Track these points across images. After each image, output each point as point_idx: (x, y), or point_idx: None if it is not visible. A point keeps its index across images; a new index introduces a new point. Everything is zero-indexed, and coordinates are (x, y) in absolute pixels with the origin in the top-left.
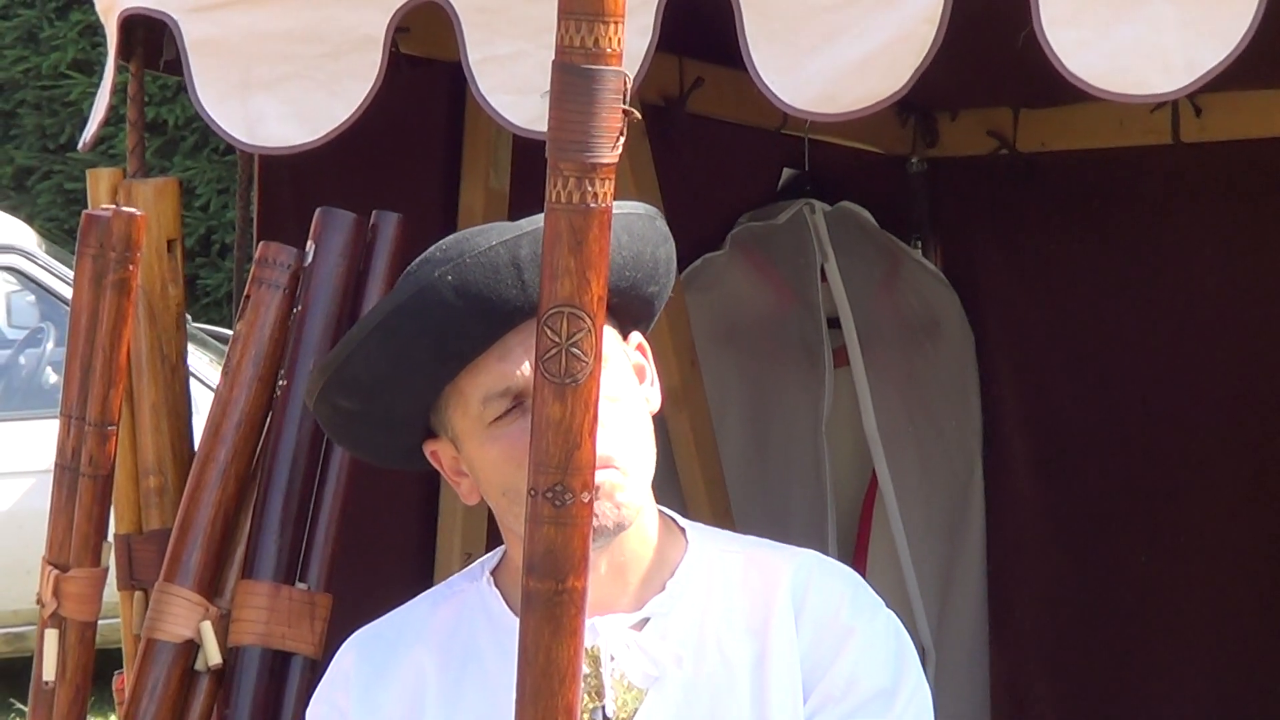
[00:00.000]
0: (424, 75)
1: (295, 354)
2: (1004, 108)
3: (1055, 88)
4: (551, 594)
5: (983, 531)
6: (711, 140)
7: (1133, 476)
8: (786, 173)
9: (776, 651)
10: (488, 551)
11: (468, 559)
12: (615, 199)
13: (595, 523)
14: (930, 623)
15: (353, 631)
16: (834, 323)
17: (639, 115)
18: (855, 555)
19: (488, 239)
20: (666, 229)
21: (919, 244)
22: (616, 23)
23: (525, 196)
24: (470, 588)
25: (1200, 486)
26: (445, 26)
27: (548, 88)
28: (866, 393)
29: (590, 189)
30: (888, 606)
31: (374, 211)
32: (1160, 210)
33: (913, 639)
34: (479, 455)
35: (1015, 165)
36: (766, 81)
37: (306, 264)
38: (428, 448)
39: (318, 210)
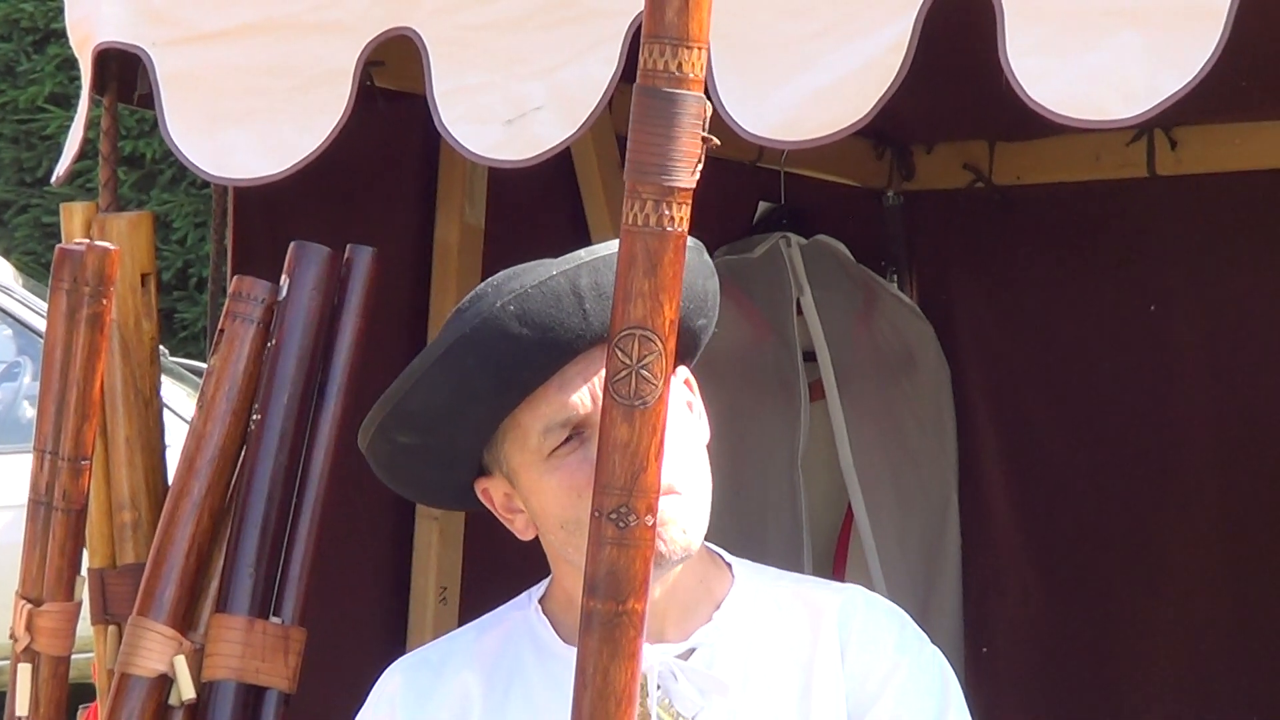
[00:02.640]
0: (399, 109)
1: (269, 388)
2: (980, 141)
3: (1030, 121)
4: (612, 615)
5: (958, 565)
6: None
7: (1111, 510)
8: (762, 206)
9: (822, 684)
10: (462, 588)
11: (443, 593)
12: (592, 232)
13: (662, 549)
14: None
15: (325, 665)
16: (810, 356)
17: (718, 142)
18: None
19: (547, 270)
20: (711, 263)
21: (895, 277)
22: (700, 48)
23: (501, 231)
24: (518, 615)
25: (1179, 519)
26: (419, 60)
27: (510, 116)
28: (842, 426)
29: (667, 213)
30: (932, 642)
31: (348, 245)
32: (1136, 243)
33: None
34: (537, 487)
35: (991, 198)
36: (727, 109)
37: (281, 298)
38: (479, 485)
39: (292, 244)
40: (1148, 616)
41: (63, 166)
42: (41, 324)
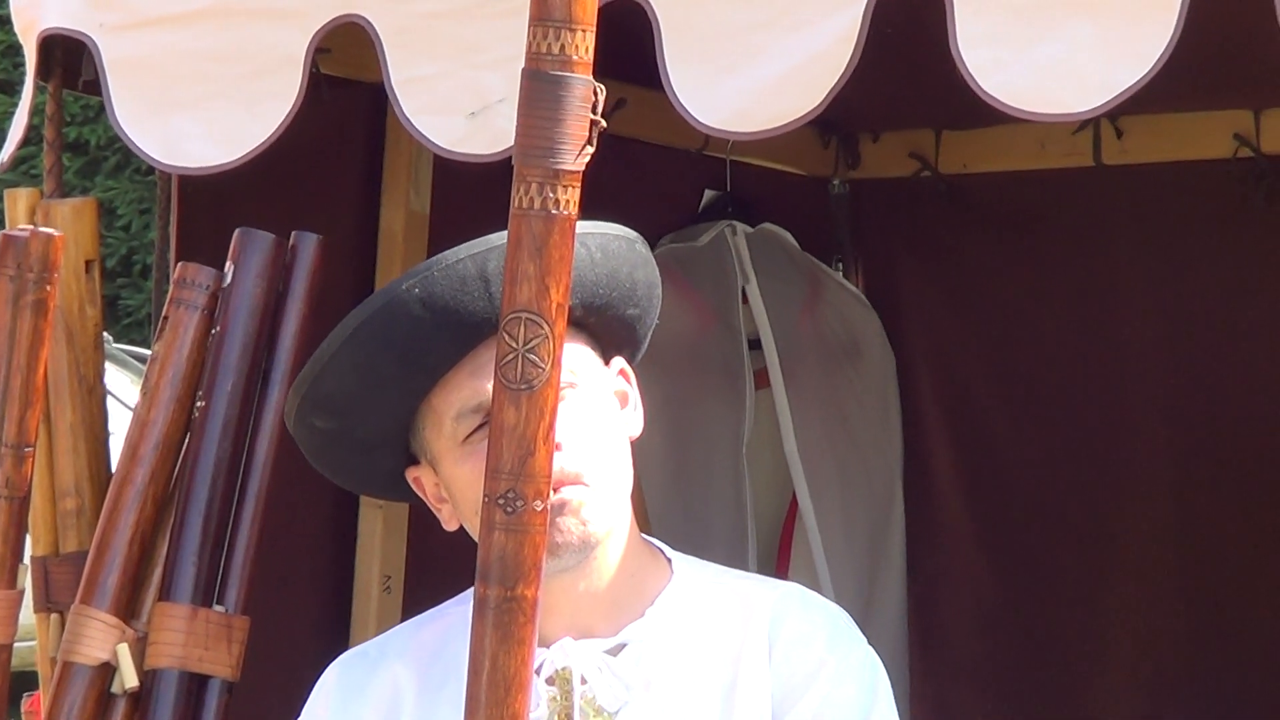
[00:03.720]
0: (344, 96)
1: (213, 375)
2: (926, 130)
3: (977, 110)
4: (501, 601)
5: (903, 553)
6: (633, 161)
7: (1059, 497)
8: (708, 194)
9: (747, 681)
10: (406, 577)
11: (386, 582)
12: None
13: (560, 538)
14: None
15: (268, 653)
16: (755, 344)
17: (605, 124)
18: (775, 576)
19: (456, 254)
20: (648, 254)
21: (840, 265)
22: (585, 30)
23: (446, 218)
24: (458, 611)
25: (1129, 505)
26: (366, 47)
27: (473, 109)
28: (787, 414)
29: (553, 195)
30: (869, 644)
31: (293, 233)
32: (1082, 232)
33: None
34: (454, 473)
35: (937, 187)
36: (682, 100)
37: (225, 285)
38: (410, 474)
39: (236, 231)
40: (1099, 603)
41: (6, 153)
42: None
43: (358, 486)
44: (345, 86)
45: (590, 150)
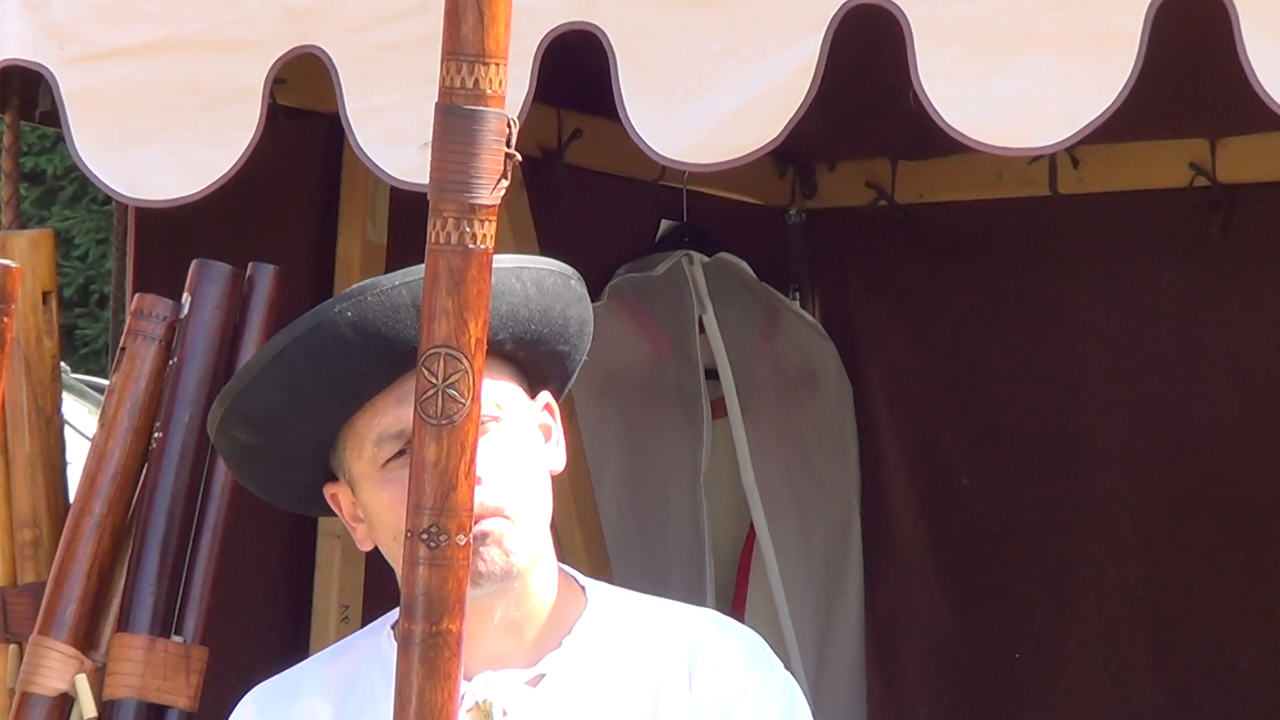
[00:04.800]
0: (300, 126)
1: (171, 406)
2: (882, 159)
3: (933, 139)
4: (426, 636)
5: (860, 580)
6: (590, 191)
7: (1018, 525)
8: (665, 224)
9: (668, 708)
10: (364, 606)
11: (345, 612)
12: (502, 252)
13: (483, 568)
14: (809, 673)
15: (227, 683)
16: (712, 374)
17: (520, 157)
18: (733, 606)
19: (392, 280)
20: (583, 291)
21: (797, 295)
22: (498, 64)
23: (403, 249)
24: (370, 642)
25: (1088, 532)
26: (322, 78)
27: (427, 139)
28: (744, 444)
29: (470, 230)
30: (786, 668)
31: (250, 264)
32: (1038, 261)
33: None
34: (372, 498)
35: (894, 216)
36: (639, 131)
37: (182, 316)
38: (328, 490)
39: (194, 262)
40: (1059, 629)
41: None
42: None
43: (275, 499)
44: (301, 117)
45: (506, 184)
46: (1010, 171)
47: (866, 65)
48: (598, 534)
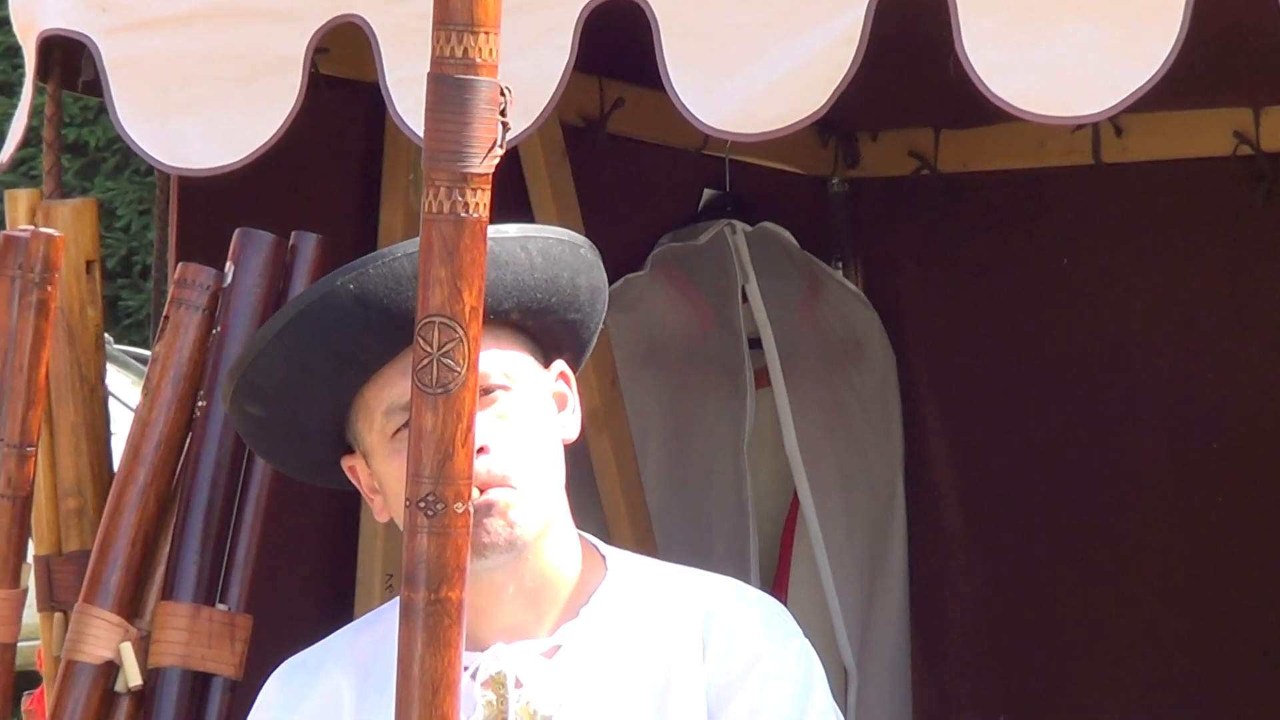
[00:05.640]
0: (343, 95)
1: (214, 375)
2: (925, 128)
3: (977, 108)
4: (427, 604)
5: (905, 552)
6: (632, 161)
7: (1060, 495)
8: (707, 193)
9: (681, 679)
10: None
11: (389, 580)
12: (538, 221)
13: (486, 539)
14: (853, 644)
15: (271, 651)
16: (755, 343)
17: (509, 124)
18: (777, 576)
19: (394, 253)
20: (594, 259)
21: (840, 264)
22: (488, 33)
23: None
24: (394, 615)
25: (1130, 503)
26: (364, 48)
27: None
28: (788, 413)
29: (462, 199)
30: (805, 635)
31: (293, 232)
32: (1081, 230)
33: (835, 660)
34: (385, 469)
35: (937, 186)
36: (684, 101)
37: (225, 285)
38: (345, 463)
39: (237, 231)
40: (1101, 601)
41: (6, 153)
42: None
43: (294, 472)
44: (344, 86)
45: (499, 153)
46: (1053, 140)
47: (910, 34)
48: (641, 505)
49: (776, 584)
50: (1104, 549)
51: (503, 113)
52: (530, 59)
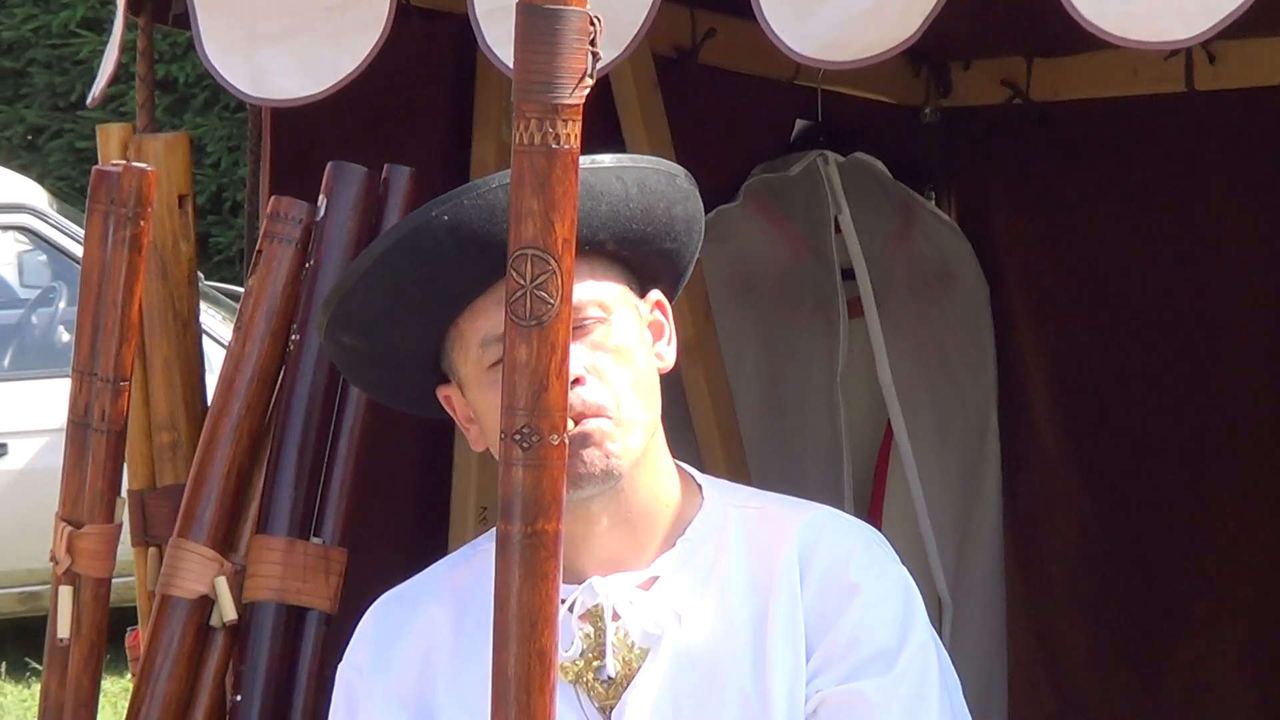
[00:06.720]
0: (433, 28)
1: (308, 309)
2: (1017, 57)
3: (1068, 36)
4: (522, 537)
5: (998, 483)
6: (724, 91)
7: (1158, 424)
8: (799, 124)
9: (779, 608)
10: None
11: (483, 513)
12: (630, 152)
13: (582, 469)
14: (947, 575)
15: (366, 585)
16: (848, 274)
17: (599, 54)
18: (871, 507)
19: (488, 182)
20: (690, 188)
21: (933, 194)
22: None
23: None
24: (490, 547)
25: (1229, 430)
26: None
27: None
28: (881, 344)
29: (553, 130)
30: (902, 563)
31: (385, 166)
32: (1175, 158)
33: (930, 590)
34: (480, 400)
35: (1029, 114)
36: (775, 29)
37: (318, 218)
38: (441, 393)
39: (329, 165)
40: (1200, 528)
41: (98, 88)
42: (76, 249)
43: (389, 401)
44: (435, 17)
45: (590, 83)
46: (1146, 68)
47: None
48: (735, 437)
49: (870, 514)
50: (1203, 475)
51: (593, 42)
52: None
